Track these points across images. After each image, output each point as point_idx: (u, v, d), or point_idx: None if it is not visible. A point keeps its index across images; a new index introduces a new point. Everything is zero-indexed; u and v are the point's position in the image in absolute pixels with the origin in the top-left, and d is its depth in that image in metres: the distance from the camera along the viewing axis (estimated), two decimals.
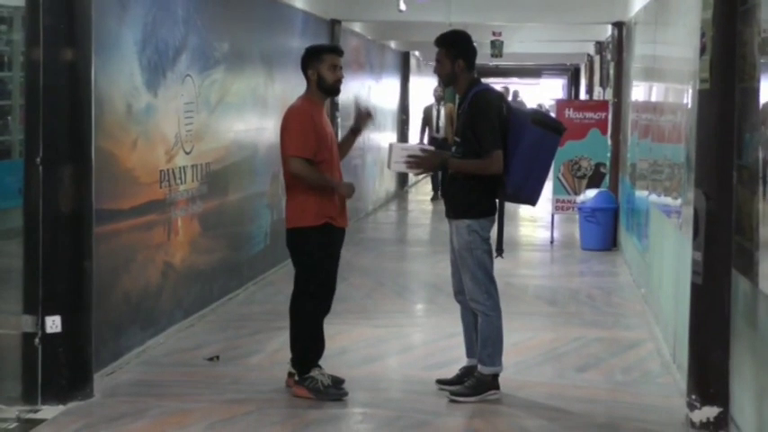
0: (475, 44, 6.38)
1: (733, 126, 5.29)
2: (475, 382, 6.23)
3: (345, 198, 6.25)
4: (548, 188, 9.13)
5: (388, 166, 6.37)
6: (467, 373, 6.37)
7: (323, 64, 6.22)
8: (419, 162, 6.27)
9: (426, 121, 18.59)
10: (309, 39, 12.22)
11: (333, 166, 6.32)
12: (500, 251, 6.33)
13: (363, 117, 6.50)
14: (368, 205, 16.72)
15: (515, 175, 6.07)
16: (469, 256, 6.20)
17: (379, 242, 13.51)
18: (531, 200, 6.26)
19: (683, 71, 7.03)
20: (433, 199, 18.63)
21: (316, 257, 6.21)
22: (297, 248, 6.25)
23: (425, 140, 18.10)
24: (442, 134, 17.92)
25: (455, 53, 6.24)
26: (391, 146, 6.36)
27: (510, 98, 31.88)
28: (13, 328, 5.98)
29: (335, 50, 6.37)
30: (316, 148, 6.14)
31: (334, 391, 6.24)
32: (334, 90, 6.33)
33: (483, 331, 6.24)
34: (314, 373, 6.25)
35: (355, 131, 6.53)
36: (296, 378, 6.28)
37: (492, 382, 6.24)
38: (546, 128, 6.12)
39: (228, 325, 8.15)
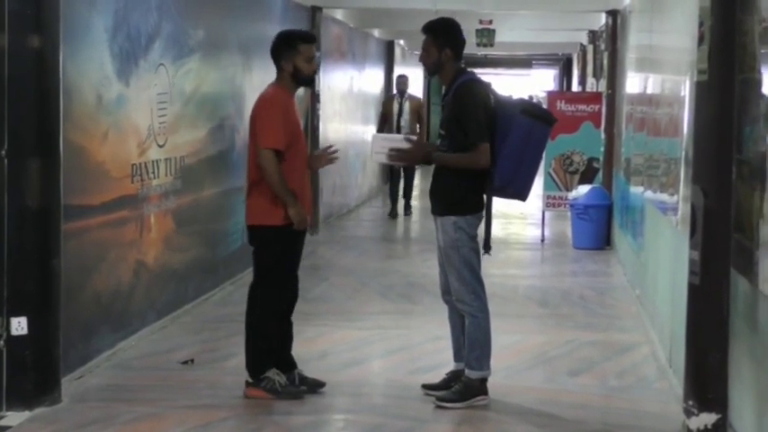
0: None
1: (732, 119, 5.30)
2: (462, 387, 6.24)
3: (295, 224, 6.18)
4: (538, 184, 9.09)
5: (371, 158, 6.45)
6: (454, 377, 6.38)
7: (300, 56, 6.22)
8: (401, 156, 6.33)
9: (384, 117, 15.90)
10: (289, 26, 12.17)
11: (303, 159, 6.37)
12: (487, 248, 6.34)
13: (323, 157, 6.58)
14: (350, 201, 16.71)
15: (503, 169, 6.08)
16: (455, 254, 6.21)
17: (362, 240, 13.51)
18: (521, 194, 6.28)
19: (680, 61, 7.05)
20: (392, 215, 15.91)
21: (279, 256, 6.23)
22: (261, 247, 6.26)
23: None
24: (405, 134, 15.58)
25: (443, 41, 6.25)
26: (373, 137, 6.48)
27: None
28: None
29: (312, 40, 6.38)
30: (288, 139, 6.17)
31: (293, 389, 6.28)
32: (309, 82, 6.39)
33: (470, 334, 6.25)
34: (269, 373, 6.27)
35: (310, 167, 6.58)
36: (248, 380, 6.29)
37: (480, 387, 6.25)
38: (535, 118, 6.11)
39: (204, 327, 8.14)
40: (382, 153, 6.34)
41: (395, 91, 16.12)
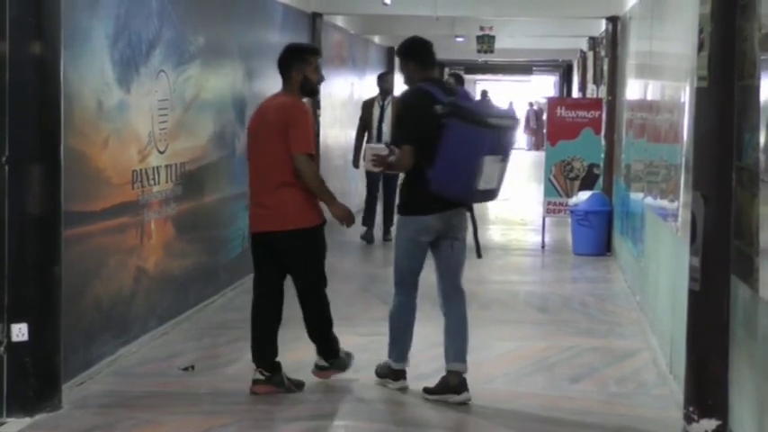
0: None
1: (732, 125, 5.31)
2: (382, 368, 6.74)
3: (341, 221, 6.64)
4: (538, 190, 9.07)
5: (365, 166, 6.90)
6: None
7: (309, 66, 6.51)
8: (380, 161, 6.70)
9: (364, 122, 13.28)
10: (289, 33, 12.22)
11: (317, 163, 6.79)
12: (478, 254, 6.59)
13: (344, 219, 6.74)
14: (350, 207, 16.68)
15: (437, 173, 6.14)
16: (395, 247, 6.65)
17: (362, 245, 13.49)
18: (461, 198, 6.33)
19: (680, 68, 7.06)
20: (367, 239, 13.53)
21: (323, 253, 6.60)
22: (303, 249, 6.48)
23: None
24: (385, 142, 11.97)
25: (406, 57, 6.59)
26: (365, 147, 6.84)
27: (479, 97, 33.09)
28: None
29: (318, 52, 6.75)
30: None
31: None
32: (316, 92, 6.74)
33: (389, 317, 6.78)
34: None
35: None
36: (324, 364, 6.74)
37: (392, 374, 6.67)
38: (464, 120, 6.11)
39: (204, 333, 8.14)
40: (368, 161, 6.71)
41: (377, 92, 13.50)
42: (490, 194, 6.43)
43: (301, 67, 6.46)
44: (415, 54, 6.57)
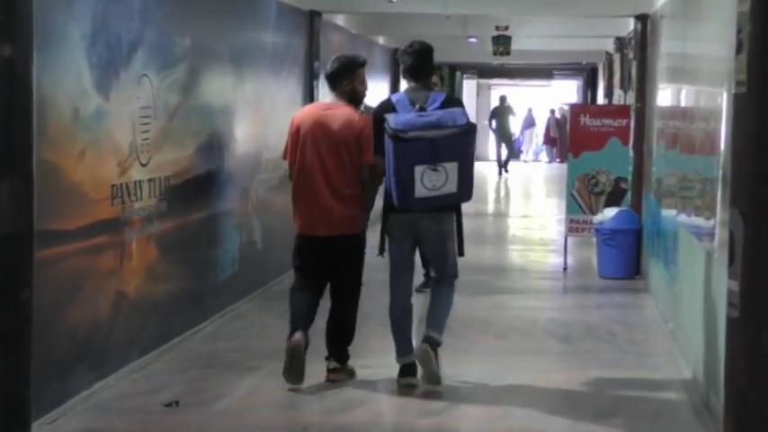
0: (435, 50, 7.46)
1: None
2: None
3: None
4: (560, 207, 9.03)
5: None
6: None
7: (357, 78, 7.60)
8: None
9: None
10: (284, 33, 12.26)
11: None
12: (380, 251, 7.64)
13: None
14: None
15: (386, 182, 7.33)
16: None
17: (365, 268, 13.47)
18: (403, 205, 7.23)
19: (716, 72, 7.06)
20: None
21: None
22: (361, 250, 7.72)
23: None
24: None
25: None
26: None
27: (498, 103, 33.44)
28: None
29: (365, 64, 7.79)
30: None
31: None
32: (360, 102, 7.77)
33: None
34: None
35: None
36: (337, 366, 7.59)
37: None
38: (387, 135, 7.12)
39: (191, 364, 8.13)
40: None
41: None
42: (447, 199, 7.18)
43: (351, 79, 7.55)
44: (400, 61, 7.55)
